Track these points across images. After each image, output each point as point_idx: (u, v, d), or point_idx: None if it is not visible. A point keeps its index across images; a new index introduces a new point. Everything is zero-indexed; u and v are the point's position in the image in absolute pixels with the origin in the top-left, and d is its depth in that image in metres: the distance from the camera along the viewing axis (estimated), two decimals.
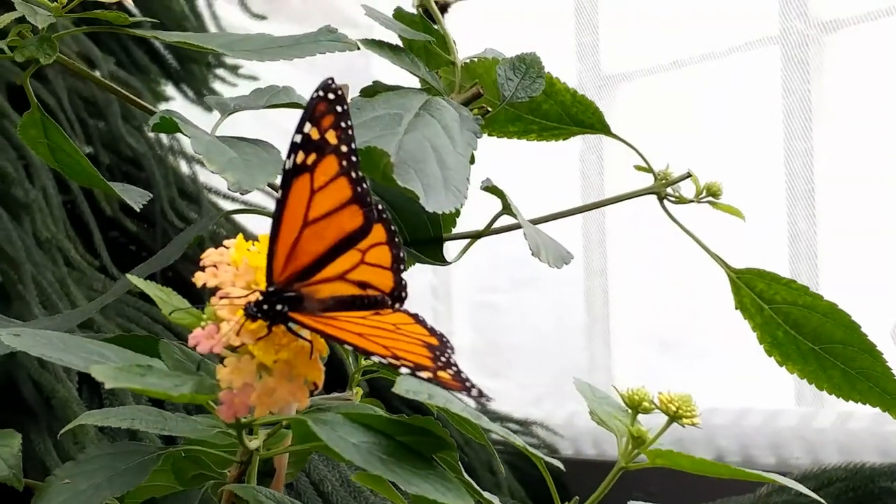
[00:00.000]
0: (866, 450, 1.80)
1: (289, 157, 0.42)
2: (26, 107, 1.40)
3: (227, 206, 1.77)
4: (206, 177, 1.78)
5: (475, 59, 0.56)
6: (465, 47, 0.59)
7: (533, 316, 2.68)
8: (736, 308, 0.55)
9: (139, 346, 0.54)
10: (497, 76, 0.54)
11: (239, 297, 0.40)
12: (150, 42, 1.85)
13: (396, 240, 0.43)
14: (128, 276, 0.42)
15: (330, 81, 0.42)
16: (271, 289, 0.41)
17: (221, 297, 0.40)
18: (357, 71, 2.51)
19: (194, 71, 1.90)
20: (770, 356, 0.55)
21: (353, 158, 0.42)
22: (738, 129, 2.32)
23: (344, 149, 0.42)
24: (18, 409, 1.22)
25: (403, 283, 0.43)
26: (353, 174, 0.42)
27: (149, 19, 0.53)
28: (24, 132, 0.54)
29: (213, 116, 1.69)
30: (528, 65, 0.54)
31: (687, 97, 2.40)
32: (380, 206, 0.43)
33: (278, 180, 0.49)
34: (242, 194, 0.45)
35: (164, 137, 1.68)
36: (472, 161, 0.50)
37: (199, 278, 0.40)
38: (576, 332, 2.53)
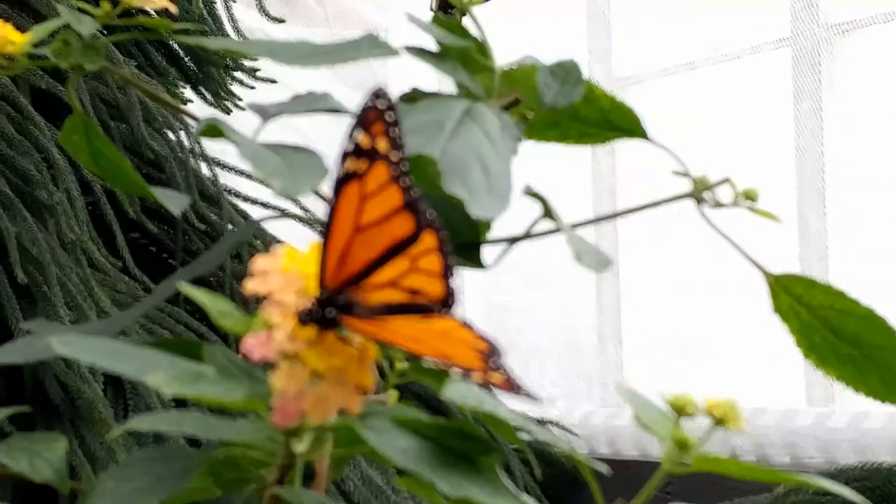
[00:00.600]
0: (882, 449, 1.81)
1: (340, 163, 0.42)
2: (50, 110, 1.41)
3: (247, 208, 1.78)
4: (226, 179, 1.78)
5: (514, 66, 0.56)
6: None
7: (545, 316, 2.69)
8: (774, 312, 0.55)
9: (184, 350, 0.54)
10: (537, 82, 0.54)
11: (292, 304, 0.40)
12: (169, 45, 1.86)
13: (446, 247, 0.43)
14: (177, 284, 0.42)
15: (380, 90, 0.42)
16: (324, 295, 0.41)
17: (273, 304, 0.40)
18: (377, 76, 2.52)
19: (212, 74, 1.91)
20: (808, 359, 0.55)
21: (404, 166, 0.43)
22: (750, 129, 2.32)
23: (394, 157, 0.42)
24: (44, 409, 1.23)
25: (453, 289, 0.43)
26: (404, 181, 0.43)
27: (192, 25, 0.54)
28: (67, 138, 0.54)
29: (231, 119, 1.70)
30: (567, 71, 0.55)
31: (698, 99, 2.41)
32: (430, 214, 0.43)
33: (323, 186, 0.50)
34: (289, 199, 0.46)
35: (185, 140, 1.69)
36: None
37: (250, 286, 0.41)
38: (588, 332, 2.53)
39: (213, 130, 0.49)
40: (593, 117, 0.56)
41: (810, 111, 2.14)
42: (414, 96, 0.58)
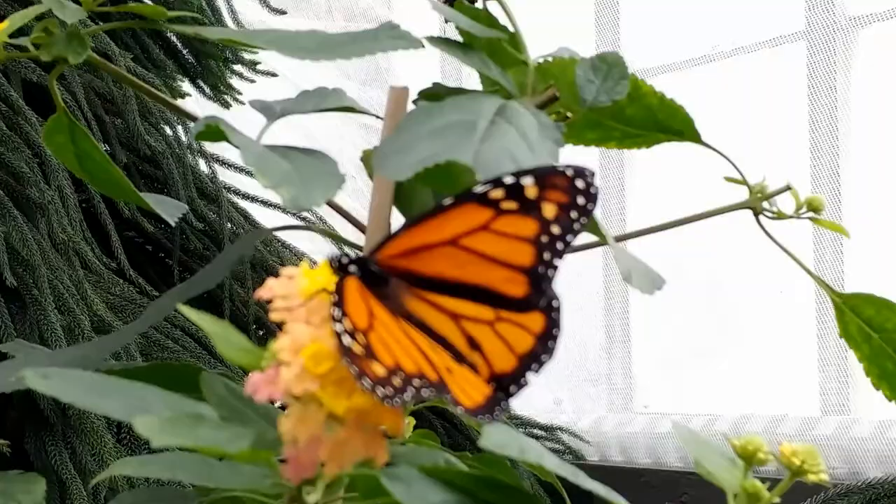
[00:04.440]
0: None
1: (485, 183, 0.38)
2: (42, 104, 1.35)
3: (247, 206, 1.72)
4: (225, 176, 1.73)
5: (549, 59, 0.50)
6: None
7: None
8: (840, 336, 0.49)
9: (179, 377, 0.48)
10: (576, 77, 0.48)
11: (306, 337, 0.34)
12: (167, 37, 1.80)
13: (550, 343, 0.38)
14: (180, 307, 0.36)
15: (588, 171, 0.38)
16: (370, 260, 0.38)
17: (286, 335, 0.34)
18: (382, 71, 2.46)
19: (211, 66, 1.85)
20: (878, 389, 0.49)
21: (561, 247, 0.38)
22: (764, 124, 2.26)
23: (556, 231, 0.38)
24: (34, 419, 1.17)
25: (524, 378, 0.38)
26: (549, 255, 0.38)
27: (189, 14, 0.48)
28: (50, 139, 0.48)
29: (230, 113, 1.64)
30: (610, 65, 0.49)
31: (710, 94, 2.35)
32: (556, 302, 0.39)
33: (337, 197, 0.44)
34: (298, 212, 0.39)
35: (182, 135, 1.63)
36: None
37: (274, 315, 0.35)
38: (596, 334, 2.47)
39: (213, 132, 0.42)
40: (639, 117, 0.50)
41: (825, 106, 2.08)
42: (437, 92, 0.52)
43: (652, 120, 0.50)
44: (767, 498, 0.38)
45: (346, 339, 0.34)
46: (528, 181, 0.38)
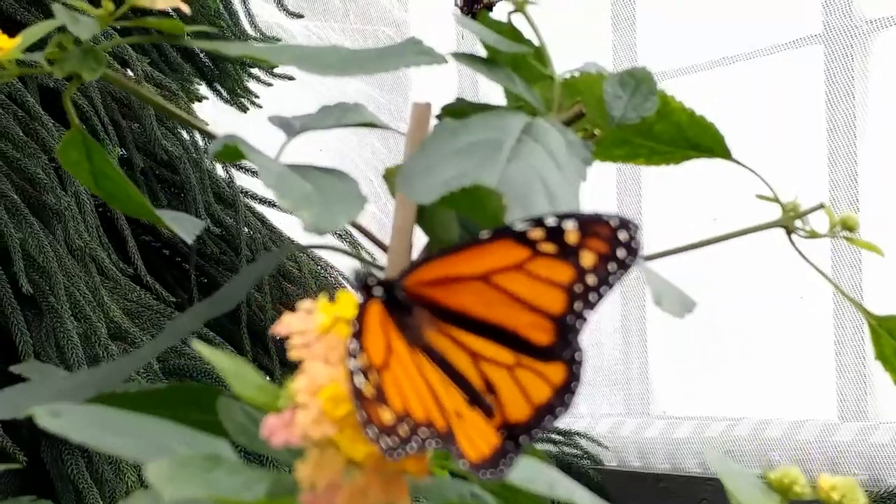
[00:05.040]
0: None
1: (526, 221, 0.37)
2: (59, 110, 1.34)
3: (265, 211, 1.72)
4: (242, 180, 1.72)
5: (575, 74, 0.49)
6: None
7: None
8: (876, 359, 0.48)
9: (197, 400, 0.47)
10: (604, 93, 0.47)
11: (323, 378, 0.33)
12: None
13: (567, 396, 0.37)
14: (194, 343, 0.35)
15: (633, 224, 0.37)
16: (396, 284, 0.37)
17: (303, 375, 0.33)
18: (399, 74, 2.45)
19: (228, 70, 1.85)
20: None
21: (594, 299, 0.37)
22: (781, 129, 2.25)
23: (591, 281, 0.37)
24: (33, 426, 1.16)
25: (534, 429, 0.36)
26: (580, 305, 0.37)
27: (207, 29, 0.47)
28: (65, 155, 0.47)
29: (247, 118, 1.62)
30: (638, 80, 0.47)
31: (727, 98, 2.33)
32: (578, 355, 0.37)
33: (360, 218, 0.43)
34: (320, 235, 0.38)
35: (199, 139, 1.63)
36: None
37: (292, 354, 0.34)
38: (614, 339, 2.46)
39: (231, 152, 0.41)
40: (668, 134, 0.48)
41: (843, 110, 2.06)
42: (461, 108, 0.50)
43: (681, 137, 0.48)
44: None
45: (359, 380, 0.33)
46: (570, 226, 0.37)
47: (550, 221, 0.37)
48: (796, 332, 2.13)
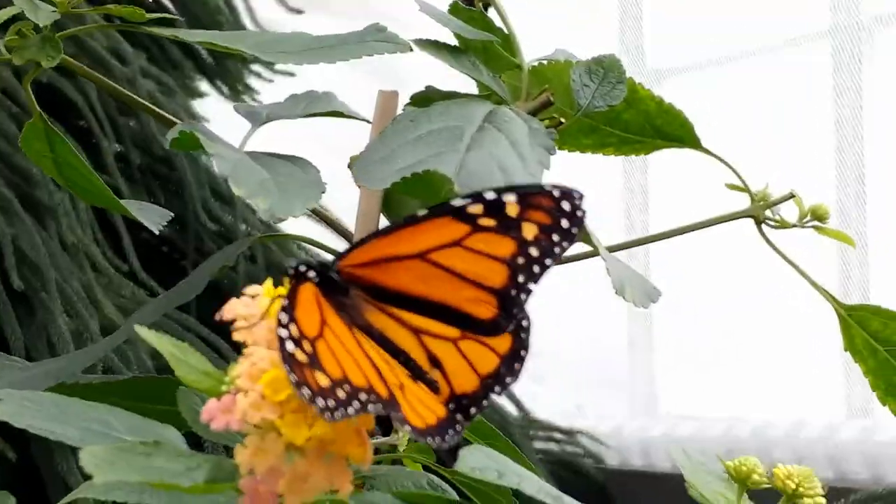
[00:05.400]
0: None
1: (464, 197, 0.36)
2: (53, 105, 1.33)
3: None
4: None
5: (544, 62, 0.49)
6: None
7: (574, 323, 2.61)
8: (845, 350, 0.47)
9: (153, 392, 0.47)
10: (571, 81, 0.46)
11: (265, 361, 0.32)
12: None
13: (516, 364, 0.36)
14: (136, 327, 0.34)
15: (577, 193, 0.36)
16: (329, 263, 0.36)
17: (245, 360, 0.33)
18: (387, 63, 2.44)
19: (229, 66, 1.84)
20: (884, 405, 0.47)
21: (537, 270, 0.36)
22: (787, 125, 2.24)
23: (534, 253, 0.36)
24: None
25: (483, 400, 0.36)
26: (522, 279, 0.36)
27: (171, 16, 0.46)
28: (27, 144, 0.47)
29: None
30: (606, 68, 0.47)
31: (733, 94, 2.32)
32: (525, 324, 0.37)
33: (331, 207, 0.43)
34: (275, 223, 0.38)
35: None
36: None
37: (237, 335, 0.33)
38: (618, 338, 2.45)
39: (188, 139, 0.41)
40: (636, 123, 0.48)
41: (851, 107, 2.06)
42: (428, 96, 0.50)
43: (649, 125, 0.48)
44: None
45: (290, 346, 0.32)
46: (510, 198, 0.36)
47: (490, 195, 0.36)
48: (803, 329, 2.12)
